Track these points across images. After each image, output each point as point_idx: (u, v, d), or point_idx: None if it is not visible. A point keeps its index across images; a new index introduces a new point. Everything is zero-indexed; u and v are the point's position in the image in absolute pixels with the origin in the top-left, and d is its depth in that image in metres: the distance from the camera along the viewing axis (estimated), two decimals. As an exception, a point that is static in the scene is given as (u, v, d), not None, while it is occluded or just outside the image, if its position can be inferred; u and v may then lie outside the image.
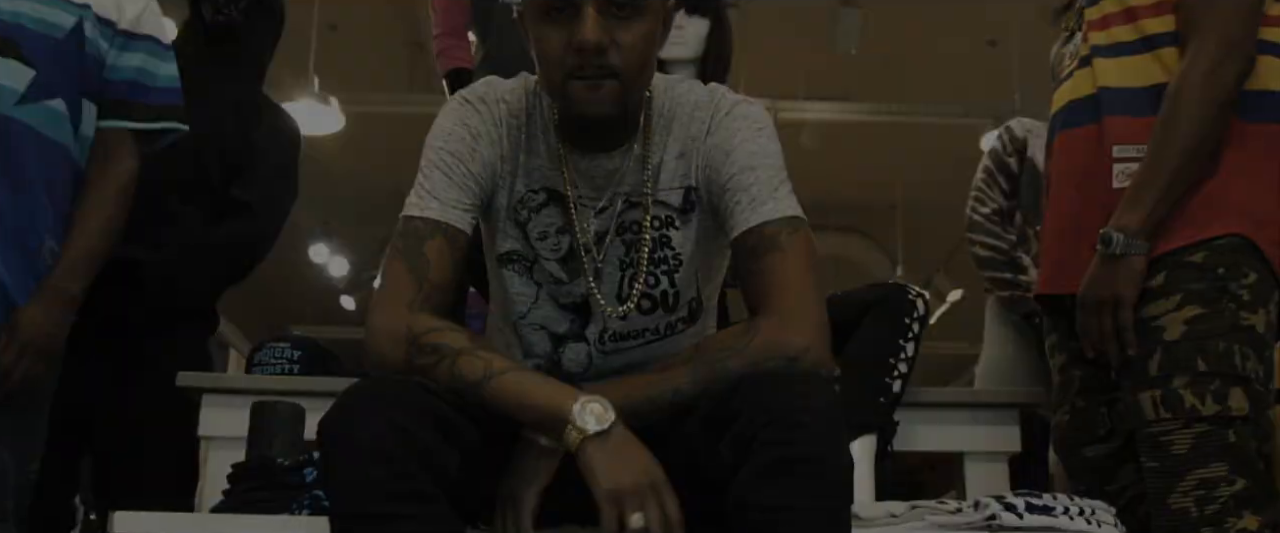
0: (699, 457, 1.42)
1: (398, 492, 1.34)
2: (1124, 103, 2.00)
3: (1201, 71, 1.90)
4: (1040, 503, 1.75)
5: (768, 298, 1.51)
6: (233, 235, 2.73)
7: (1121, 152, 1.98)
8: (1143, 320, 1.92)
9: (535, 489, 1.47)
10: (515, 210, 1.67)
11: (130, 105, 2.20)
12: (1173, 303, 1.90)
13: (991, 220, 3.08)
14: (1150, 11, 2.01)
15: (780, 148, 1.63)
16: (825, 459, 1.32)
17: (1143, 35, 2.01)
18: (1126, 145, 1.97)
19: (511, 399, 1.45)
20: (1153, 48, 2.00)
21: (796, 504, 1.31)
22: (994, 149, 3.18)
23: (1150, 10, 2.01)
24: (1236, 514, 1.83)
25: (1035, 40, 6.84)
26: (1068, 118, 2.10)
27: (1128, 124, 1.99)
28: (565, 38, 1.52)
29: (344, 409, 1.38)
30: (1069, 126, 2.09)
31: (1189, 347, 1.87)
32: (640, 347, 1.68)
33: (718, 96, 1.67)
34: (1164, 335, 1.90)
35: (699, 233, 1.66)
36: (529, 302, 1.69)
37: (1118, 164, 1.97)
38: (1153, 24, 2.01)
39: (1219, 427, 1.85)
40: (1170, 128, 1.90)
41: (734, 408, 1.38)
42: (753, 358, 1.45)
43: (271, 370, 2.59)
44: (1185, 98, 1.90)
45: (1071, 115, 2.09)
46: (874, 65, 7.85)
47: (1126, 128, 1.99)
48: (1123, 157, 1.97)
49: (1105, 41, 2.04)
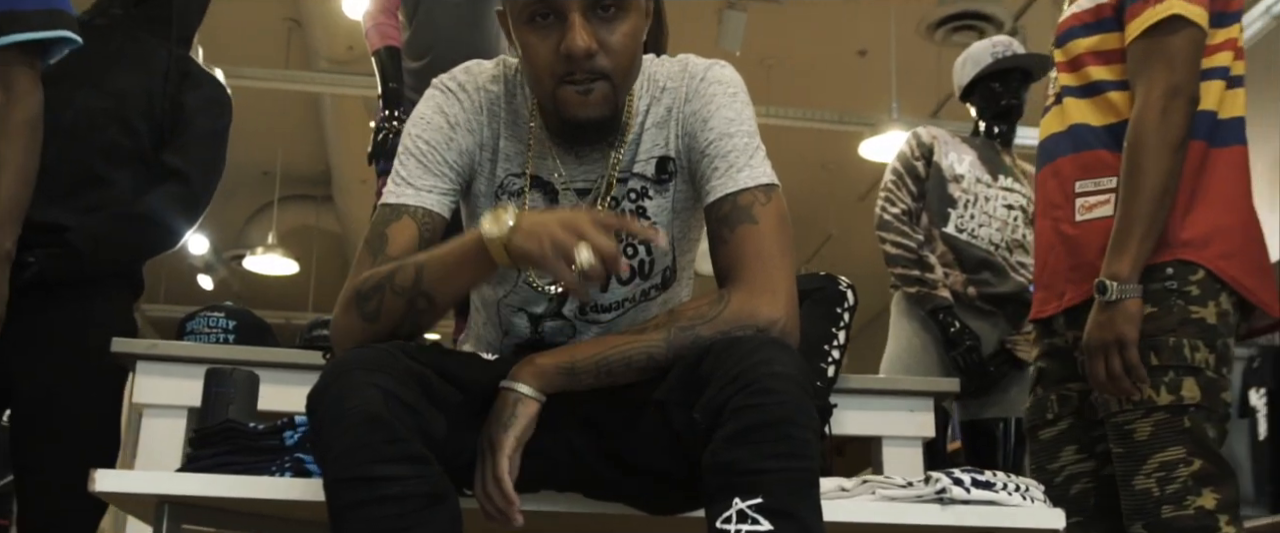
0: (672, 422, 1.47)
1: (392, 455, 1.37)
2: (1086, 140, 2.18)
3: (1153, 120, 2.05)
4: (983, 480, 1.87)
5: (740, 269, 1.55)
6: (165, 202, 2.70)
7: (1082, 186, 2.16)
8: None
9: (514, 434, 1.48)
10: (495, 196, 1.69)
11: (9, 17, 2.07)
12: None
13: (901, 220, 3.23)
14: (1094, 60, 2.19)
15: (753, 110, 1.67)
16: (796, 422, 1.37)
17: (1089, 81, 2.19)
18: (1086, 180, 2.15)
19: (443, 270, 1.50)
20: (1102, 92, 2.18)
21: (770, 466, 1.35)
22: (902, 153, 3.34)
23: (1094, 59, 2.19)
24: (1195, 493, 2.01)
25: (907, 51, 7.14)
26: (1043, 154, 2.28)
27: (1088, 160, 2.17)
28: (553, 44, 1.53)
29: (335, 378, 1.42)
30: (1044, 162, 2.27)
31: (1144, 344, 2.05)
32: (619, 316, 1.72)
33: (688, 63, 1.70)
34: None
35: (675, 201, 1.69)
36: (509, 286, 1.71)
37: (1078, 198, 2.16)
38: (1097, 71, 2.18)
39: (1175, 414, 2.03)
40: (1135, 176, 2.05)
41: (706, 374, 1.42)
42: (724, 326, 1.49)
43: (206, 339, 2.57)
44: (1143, 147, 2.05)
45: (1045, 152, 2.27)
46: (751, 67, 7.99)
47: (1086, 164, 2.17)
48: (1083, 191, 2.15)
49: (1073, 82, 2.22)
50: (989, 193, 3.30)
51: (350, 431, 1.37)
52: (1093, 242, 2.13)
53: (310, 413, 1.43)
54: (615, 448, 1.58)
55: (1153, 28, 2.09)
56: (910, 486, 1.87)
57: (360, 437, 1.37)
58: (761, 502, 1.34)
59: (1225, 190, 2.13)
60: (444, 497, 1.42)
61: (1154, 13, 2.09)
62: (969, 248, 3.24)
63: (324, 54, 7.48)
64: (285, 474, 1.75)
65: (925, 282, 3.14)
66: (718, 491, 1.37)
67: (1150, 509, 2.03)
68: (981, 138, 3.42)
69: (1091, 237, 2.14)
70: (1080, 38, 2.21)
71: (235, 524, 1.78)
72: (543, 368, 1.52)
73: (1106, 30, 2.18)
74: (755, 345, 1.43)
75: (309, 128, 8.50)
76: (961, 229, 3.24)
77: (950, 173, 3.28)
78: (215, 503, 1.71)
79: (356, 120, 7.82)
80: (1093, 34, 2.19)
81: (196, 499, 1.68)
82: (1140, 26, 2.10)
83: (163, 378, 2.46)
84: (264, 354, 2.44)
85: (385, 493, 1.37)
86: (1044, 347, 2.32)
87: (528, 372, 1.52)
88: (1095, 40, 2.19)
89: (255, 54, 8.01)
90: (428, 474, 1.40)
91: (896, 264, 3.20)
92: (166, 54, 2.72)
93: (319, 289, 10.24)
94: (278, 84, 7.57)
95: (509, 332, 1.75)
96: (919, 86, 7.41)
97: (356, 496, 1.37)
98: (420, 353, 1.50)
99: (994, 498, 1.86)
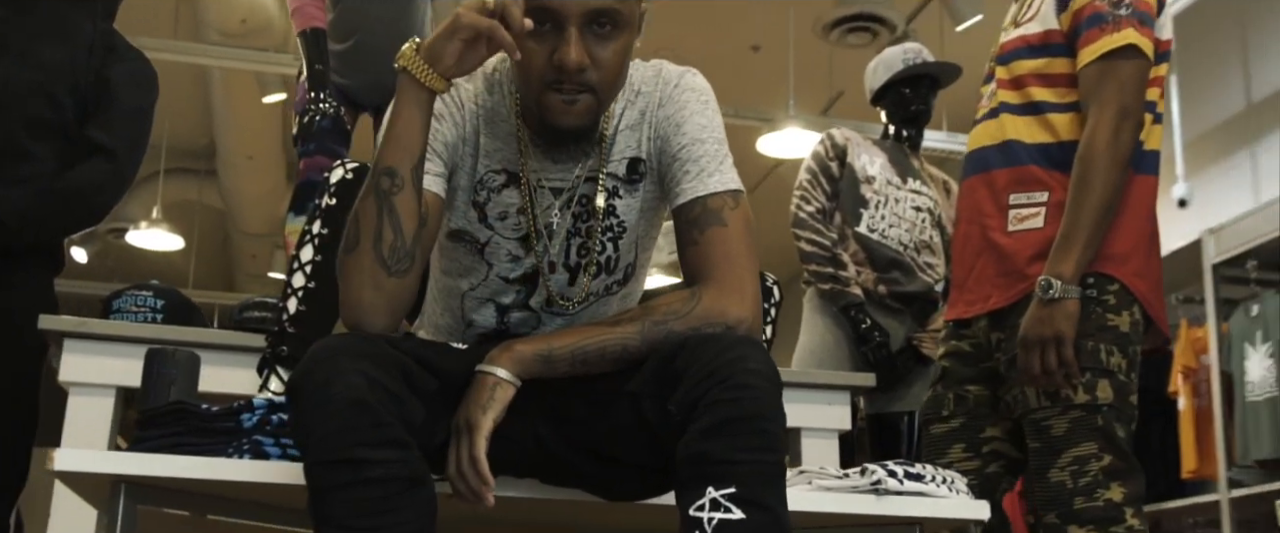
0: (645, 413, 1.53)
1: (376, 439, 1.42)
2: (1020, 156, 2.31)
3: (1105, 139, 2.19)
4: (915, 472, 1.97)
5: (710, 269, 1.62)
6: (89, 177, 2.67)
7: (1016, 199, 2.29)
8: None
9: (491, 416, 1.52)
10: (474, 191, 1.72)
11: None
12: None
13: (815, 218, 3.33)
14: (1038, 82, 2.32)
15: (722, 118, 1.75)
16: (768, 417, 1.45)
17: (1030, 101, 2.32)
18: (1020, 194, 2.29)
19: (390, 137, 1.57)
20: (1042, 112, 2.31)
21: (743, 458, 1.42)
22: (817, 153, 3.44)
23: (1038, 81, 2.32)
24: (1105, 486, 2.17)
25: (800, 49, 7.27)
26: (975, 164, 2.40)
27: (1022, 174, 2.30)
28: (546, 52, 1.58)
29: (320, 363, 1.45)
30: (975, 171, 2.39)
31: None
32: (583, 309, 1.77)
33: (661, 68, 1.76)
34: None
35: (643, 201, 1.75)
36: (479, 278, 1.75)
37: (1012, 210, 2.29)
38: (1040, 92, 2.32)
39: (1089, 413, 2.19)
40: (1084, 188, 2.19)
41: (680, 369, 1.49)
42: (695, 322, 1.57)
43: (133, 318, 2.55)
44: (1095, 162, 2.19)
45: (977, 161, 2.39)
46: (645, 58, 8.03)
47: (1021, 178, 2.30)
48: (1016, 203, 2.29)
49: (1014, 101, 2.34)
50: (899, 194, 3.42)
51: (336, 415, 1.41)
52: (1023, 251, 2.27)
53: (294, 395, 1.46)
54: (582, 436, 1.62)
55: (1109, 53, 2.22)
56: (846, 476, 1.96)
57: (346, 420, 1.41)
58: (734, 491, 1.41)
59: (1141, 214, 2.29)
60: (423, 481, 1.47)
61: (1111, 40, 2.22)
62: (880, 247, 3.35)
63: (215, 26, 7.32)
64: (244, 456, 1.76)
65: (838, 279, 3.25)
66: (691, 480, 1.44)
67: (1064, 500, 2.18)
68: (891, 141, 3.53)
69: (1023, 246, 2.27)
70: (1026, 59, 2.34)
71: (195, 507, 1.78)
72: (521, 354, 1.56)
73: (1054, 55, 2.31)
74: (730, 342, 1.50)
75: (195, 101, 8.31)
76: (873, 229, 3.36)
77: (863, 174, 3.39)
78: (175, 485, 1.70)
79: (246, 95, 7.68)
80: (1039, 57, 2.32)
81: (157, 480, 1.67)
82: (1097, 52, 2.23)
83: (90, 356, 2.43)
84: (201, 336, 2.43)
85: (369, 476, 1.41)
86: (951, 348, 2.44)
87: (506, 357, 1.56)
88: (1041, 63, 2.32)
89: (142, 23, 7.80)
90: (409, 459, 1.45)
91: (811, 261, 3.30)
92: (92, 27, 2.68)
93: (200, 267, 10.03)
94: (166, 55, 7.35)
95: (473, 323, 1.78)
96: (810, 84, 7.55)
97: (340, 477, 1.41)
98: (400, 342, 1.54)
99: (923, 490, 1.96)
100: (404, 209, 1.56)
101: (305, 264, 2.30)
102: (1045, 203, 2.26)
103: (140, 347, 2.39)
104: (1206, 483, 4.71)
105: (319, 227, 2.32)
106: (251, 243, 10.13)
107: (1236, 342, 4.56)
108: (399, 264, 1.56)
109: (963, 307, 2.41)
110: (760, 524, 1.41)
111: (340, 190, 2.34)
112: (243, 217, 9.57)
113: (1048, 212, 2.25)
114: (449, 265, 1.78)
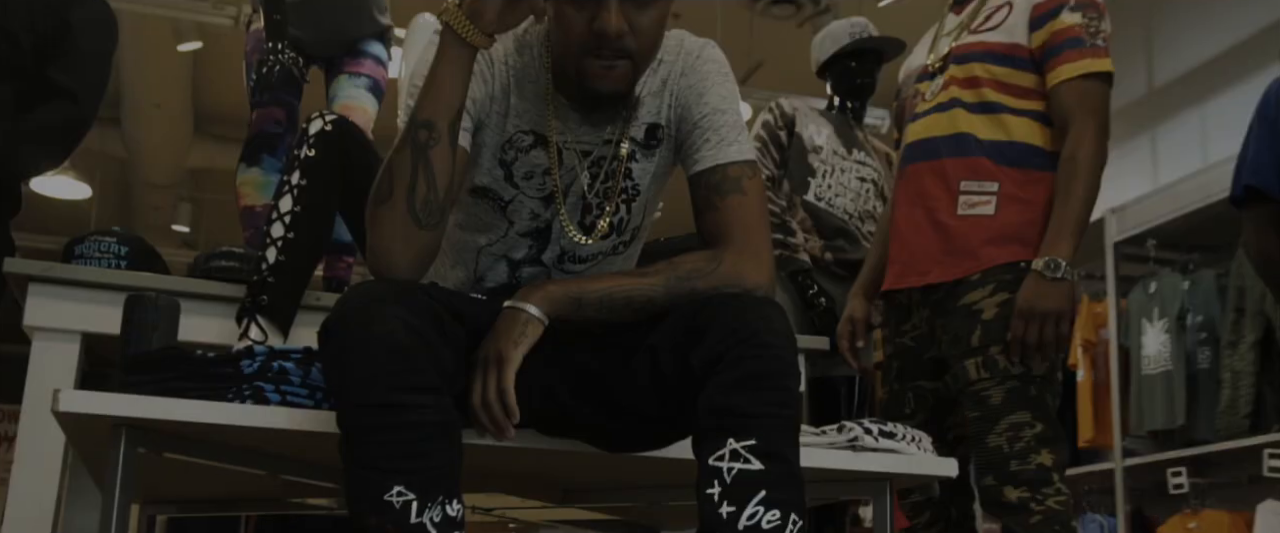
0: (661, 367, 1.59)
1: (411, 384, 1.45)
2: (971, 149, 2.49)
3: (1090, 149, 2.43)
4: (888, 430, 2.06)
5: (731, 234, 1.69)
6: (51, 119, 2.64)
7: (967, 186, 2.48)
8: (965, 306, 2.42)
9: (521, 351, 1.57)
10: (502, 150, 1.76)
11: None
12: (987, 291, 2.43)
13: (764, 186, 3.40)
14: (997, 88, 2.50)
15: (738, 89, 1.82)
16: (786, 374, 1.53)
17: (984, 101, 2.50)
18: (971, 181, 2.47)
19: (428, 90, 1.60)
20: (996, 112, 2.49)
21: (763, 412, 1.49)
22: (766, 122, 3.51)
23: (997, 87, 2.50)
24: (1037, 451, 2.36)
25: (725, 18, 7.33)
26: (924, 150, 2.56)
27: (974, 164, 2.48)
28: (587, 18, 1.62)
29: (358, 309, 1.48)
30: (924, 158, 2.55)
31: (1000, 324, 2.40)
32: (592, 266, 1.82)
33: (683, 38, 1.82)
34: (982, 316, 2.41)
35: (657, 167, 1.81)
36: (498, 235, 1.80)
37: (963, 195, 2.48)
38: (997, 96, 2.50)
39: (1024, 384, 2.39)
40: (1074, 187, 2.42)
41: (702, 325, 1.55)
42: (718, 282, 1.64)
43: (97, 263, 2.51)
44: (1082, 167, 2.42)
45: (926, 148, 2.55)
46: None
47: (973, 168, 2.48)
48: (967, 190, 2.47)
49: (967, 99, 2.51)
50: (844, 164, 3.50)
51: (375, 359, 1.44)
52: (974, 234, 2.46)
53: (329, 339, 1.48)
54: (592, 387, 1.67)
55: (1091, 75, 2.44)
56: (824, 434, 2.03)
57: (386, 364, 1.44)
58: (754, 443, 1.48)
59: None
60: (454, 425, 1.50)
61: (1094, 64, 2.45)
62: (827, 215, 3.43)
63: (132, -29, 7.15)
64: (246, 401, 1.77)
65: (787, 245, 3.32)
66: (712, 430, 1.50)
67: (1000, 463, 2.37)
68: (836, 112, 3.62)
69: (974, 229, 2.46)
70: (987, 64, 2.51)
71: (193, 452, 1.78)
72: (553, 294, 1.61)
73: (1017, 67, 2.50)
74: (753, 302, 1.57)
75: (104, 46, 8.10)
76: (820, 197, 3.44)
77: (810, 143, 3.47)
78: (175, 429, 1.70)
79: (161, 43, 7.51)
80: (1002, 65, 2.51)
81: (163, 424, 1.66)
82: (1079, 70, 2.45)
83: (55, 301, 2.40)
84: (151, 280, 2.41)
85: (405, 420, 1.44)
86: (896, 347, 2.61)
87: (539, 295, 1.60)
88: (1004, 72, 2.50)
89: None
90: (443, 404, 1.48)
91: (761, 227, 3.37)
92: (49, -32, 2.65)
93: (102, 217, 9.79)
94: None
95: (484, 277, 1.82)
96: (730, 54, 7.59)
97: (378, 420, 1.44)
98: (432, 290, 1.57)
99: (896, 447, 2.05)
100: (438, 163, 1.59)
101: (284, 214, 2.30)
102: (995, 193, 2.46)
103: (107, 292, 2.38)
104: (1102, 452, 4.91)
105: (298, 178, 2.32)
106: (155, 193, 9.91)
107: (1134, 317, 4.75)
108: (430, 217, 1.59)
109: (894, 278, 2.58)
110: (778, 475, 1.48)
111: (319, 142, 2.35)
112: (147, 167, 9.35)
113: (998, 201, 2.46)
114: (467, 220, 1.81)
